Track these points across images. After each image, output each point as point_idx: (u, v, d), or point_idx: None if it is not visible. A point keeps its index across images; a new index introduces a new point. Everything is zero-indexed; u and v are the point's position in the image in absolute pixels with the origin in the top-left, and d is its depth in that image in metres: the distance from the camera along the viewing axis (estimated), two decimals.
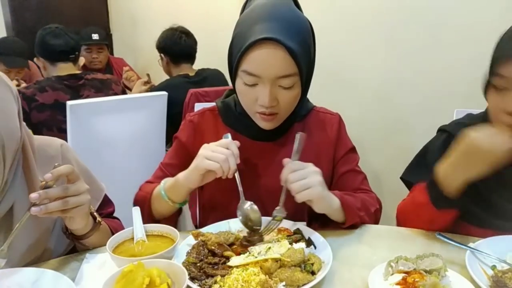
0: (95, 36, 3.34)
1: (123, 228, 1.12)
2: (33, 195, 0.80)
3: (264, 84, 1.01)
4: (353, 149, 1.22)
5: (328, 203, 1.01)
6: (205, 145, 1.02)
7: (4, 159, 0.85)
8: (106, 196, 1.13)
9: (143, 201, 1.11)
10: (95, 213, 0.99)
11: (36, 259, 0.97)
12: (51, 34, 2.23)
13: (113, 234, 1.05)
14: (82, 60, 2.43)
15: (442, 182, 1.00)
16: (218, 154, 0.97)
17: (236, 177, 1.03)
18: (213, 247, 0.91)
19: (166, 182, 1.08)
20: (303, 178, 0.95)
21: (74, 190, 0.86)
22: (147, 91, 2.85)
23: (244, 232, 1.02)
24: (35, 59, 2.34)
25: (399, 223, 1.15)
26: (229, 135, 1.07)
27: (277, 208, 1.00)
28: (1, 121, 0.83)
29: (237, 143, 1.02)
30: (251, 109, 1.08)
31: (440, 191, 1.00)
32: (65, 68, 2.27)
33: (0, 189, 0.87)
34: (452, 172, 0.98)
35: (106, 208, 1.13)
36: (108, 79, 2.45)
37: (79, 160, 1.09)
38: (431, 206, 1.02)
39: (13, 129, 0.87)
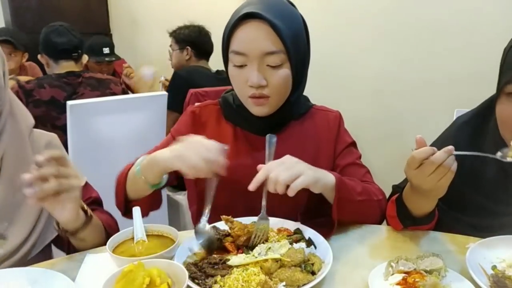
0: (106, 50, 3.32)
1: (113, 220, 1.13)
2: (26, 175, 0.80)
3: (251, 62, 1.02)
4: (353, 144, 1.21)
5: (324, 182, 0.97)
6: (192, 139, 0.95)
7: None
8: (87, 183, 1.14)
9: (120, 177, 1.09)
10: (85, 207, 0.99)
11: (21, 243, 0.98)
12: (55, 32, 2.27)
13: (105, 228, 1.06)
14: (85, 58, 2.44)
15: (407, 205, 1.02)
16: (198, 162, 0.89)
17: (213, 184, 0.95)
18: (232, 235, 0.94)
19: (144, 158, 1.03)
20: (287, 170, 0.90)
21: (65, 172, 0.86)
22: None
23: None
24: (38, 56, 2.37)
25: None
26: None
27: (260, 215, 0.97)
28: None
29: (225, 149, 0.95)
30: (243, 94, 1.08)
31: (406, 212, 1.03)
32: (66, 66, 2.30)
33: None
34: (410, 198, 1.01)
35: (87, 194, 1.12)
36: (107, 79, 2.45)
37: (64, 150, 1.11)
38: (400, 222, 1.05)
39: None
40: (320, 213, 1.05)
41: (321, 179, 0.96)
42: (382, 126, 2.46)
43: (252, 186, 0.91)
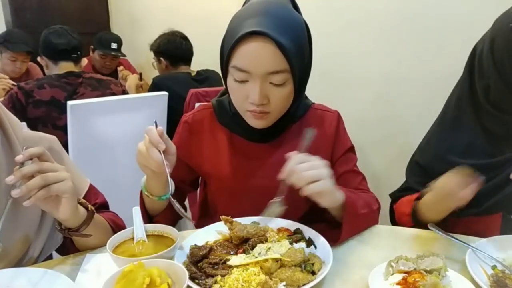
0: (114, 45, 3.38)
1: (119, 218, 1.12)
2: (8, 178, 0.79)
3: (254, 80, 0.98)
4: (351, 149, 1.20)
5: (335, 197, 0.97)
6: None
7: None
8: (92, 187, 1.12)
9: (140, 201, 1.11)
10: (87, 203, 0.97)
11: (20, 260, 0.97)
12: (54, 34, 2.29)
13: (110, 225, 1.05)
14: (84, 61, 2.45)
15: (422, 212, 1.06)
16: (140, 150, 0.94)
17: (165, 168, 0.94)
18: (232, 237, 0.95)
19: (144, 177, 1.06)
20: (312, 169, 0.90)
21: (49, 166, 0.84)
22: (140, 86, 2.98)
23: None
24: (38, 58, 2.39)
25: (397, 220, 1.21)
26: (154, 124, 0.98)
27: (277, 200, 0.97)
28: None
29: (160, 129, 0.94)
30: (241, 107, 1.05)
31: (421, 219, 1.07)
32: (65, 67, 2.31)
33: None
34: (429, 210, 1.04)
35: (93, 199, 1.10)
36: (107, 80, 2.46)
37: (65, 152, 1.08)
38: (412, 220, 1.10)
39: None
40: (318, 219, 1.05)
41: (334, 193, 0.96)
42: (384, 126, 2.45)
43: (283, 175, 0.91)
